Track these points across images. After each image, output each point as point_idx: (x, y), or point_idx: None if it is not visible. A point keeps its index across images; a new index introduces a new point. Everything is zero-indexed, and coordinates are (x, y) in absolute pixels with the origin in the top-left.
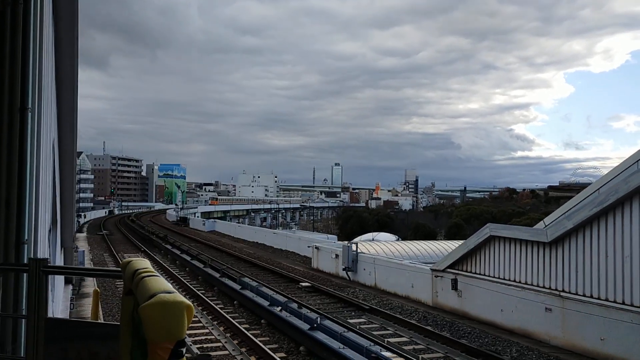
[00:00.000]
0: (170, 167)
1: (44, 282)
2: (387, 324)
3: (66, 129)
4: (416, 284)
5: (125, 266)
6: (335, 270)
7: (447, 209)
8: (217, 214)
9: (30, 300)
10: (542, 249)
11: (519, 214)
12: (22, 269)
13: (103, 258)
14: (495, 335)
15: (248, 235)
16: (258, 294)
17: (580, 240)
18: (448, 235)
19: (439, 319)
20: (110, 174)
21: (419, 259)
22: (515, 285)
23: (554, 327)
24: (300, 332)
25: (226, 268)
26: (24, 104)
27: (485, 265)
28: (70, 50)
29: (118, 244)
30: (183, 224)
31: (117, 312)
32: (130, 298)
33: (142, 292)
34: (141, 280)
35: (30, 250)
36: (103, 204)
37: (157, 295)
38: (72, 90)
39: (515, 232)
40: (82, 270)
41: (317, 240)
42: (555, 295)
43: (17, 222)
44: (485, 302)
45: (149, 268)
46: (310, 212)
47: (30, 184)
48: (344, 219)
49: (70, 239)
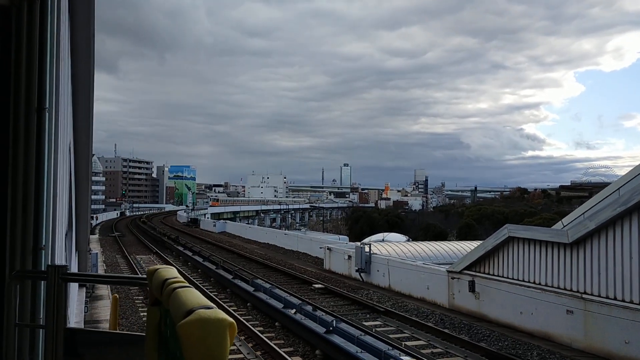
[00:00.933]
0: (181, 168)
1: (63, 290)
2: (403, 327)
3: (82, 131)
4: (432, 286)
5: (152, 274)
6: (348, 272)
7: (457, 209)
8: (226, 215)
9: (49, 309)
10: (563, 250)
11: (531, 214)
12: (41, 276)
13: (115, 260)
14: (514, 339)
15: (259, 236)
16: (271, 295)
17: (603, 241)
18: (459, 236)
19: (457, 321)
20: (121, 175)
21: (431, 259)
22: (535, 287)
23: (576, 330)
24: (315, 335)
25: (238, 269)
26: (42, 104)
27: (504, 267)
28: (86, 50)
29: (130, 246)
30: (194, 225)
31: (130, 316)
32: (157, 309)
33: (177, 306)
34: (174, 292)
35: (48, 256)
36: (114, 206)
37: (195, 312)
38: (87, 92)
39: (535, 233)
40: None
41: (329, 241)
42: (577, 297)
43: (34, 227)
44: (504, 304)
45: (179, 277)
46: (320, 212)
47: (48, 187)
48: (354, 220)
49: (85, 242)
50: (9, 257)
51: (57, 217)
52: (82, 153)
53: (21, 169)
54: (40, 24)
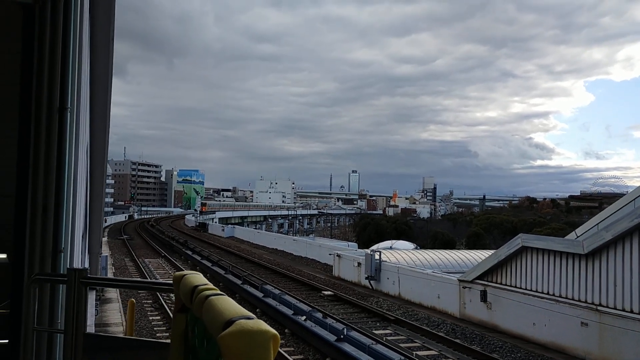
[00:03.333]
0: (189, 172)
1: (83, 294)
2: (414, 336)
3: (98, 134)
4: (442, 295)
5: (179, 280)
6: (358, 279)
7: (465, 217)
8: (234, 220)
9: (68, 314)
10: (578, 261)
11: (540, 223)
12: (61, 280)
13: (124, 263)
14: (527, 350)
15: (267, 241)
16: (281, 302)
17: (620, 252)
18: (468, 245)
19: (468, 331)
20: (130, 179)
21: (440, 268)
22: (549, 298)
23: (590, 343)
24: (326, 343)
25: (247, 275)
26: (64, 103)
27: (516, 277)
28: (105, 52)
29: (138, 249)
30: (202, 230)
31: (139, 320)
32: (184, 316)
33: (213, 315)
34: (207, 300)
35: (67, 259)
36: (123, 209)
37: (236, 322)
38: (105, 94)
39: (549, 243)
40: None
41: (338, 248)
42: (592, 309)
43: (54, 229)
44: (517, 315)
45: (209, 284)
46: (328, 218)
47: (68, 189)
48: (362, 226)
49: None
50: (27, 259)
51: (76, 219)
52: (97, 155)
53: (42, 169)
54: (64, 23)
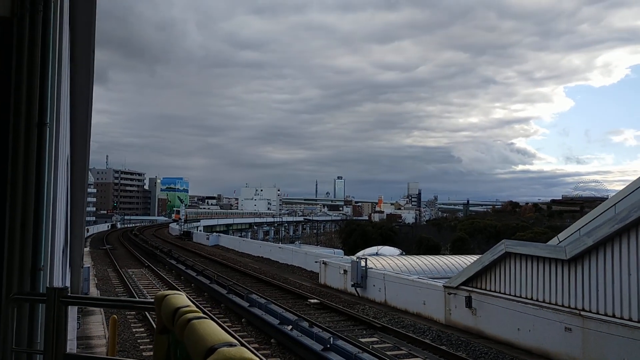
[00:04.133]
0: (173, 180)
1: (62, 313)
2: (400, 344)
3: (79, 145)
4: (428, 301)
5: (160, 301)
6: (344, 286)
7: (450, 222)
8: (219, 228)
9: (48, 334)
10: (561, 267)
11: (523, 227)
12: (40, 299)
13: (107, 274)
14: (512, 356)
15: (253, 249)
16: (267, 311)
17: (602, 257)
18: (453, 249)
19: (454, 338)
20: (112, 187)
21: (425, 274)
22: (533, 303)
23: (574, 347)
24: (312, 353)
25: (233, 284)
26: (42, 119)
27: (500, 283)
28: (86, 64)
29: (122, 259)
30: (186, 238)
31: (122, 332)
32: (165, 337)
33: (194, 340)
34: (189, 323)
35: (47, 277)
36: (105, 218)
37: (219, 350)
38: (86, 106)
39: (532, 248)
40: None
41: (324, 255)
42: (575, 314)
43: (33, 247)
44: (501, 320)
45: (191, 305)
46: (313, 225)
47: (47, 205)
48: (347, 233)
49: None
50: (6, 278)
51: (56, 235)
52: (79, 168)
53: (20, 186)
54: (43, 36)
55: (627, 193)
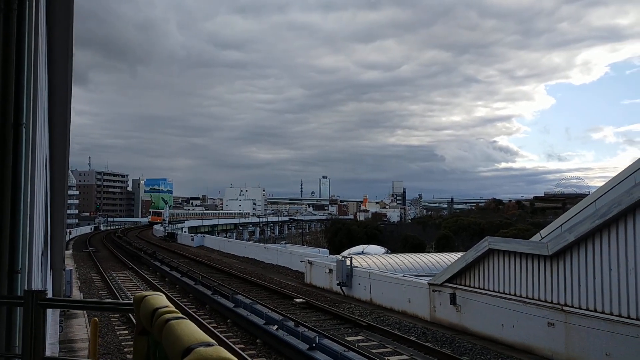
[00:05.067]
0: (157, 181)
1: (41, 316)
2: (386, 341)
3: (58, 146)
4: (413, 299)
5: (139, 302)
6: (329, 286)
7: (435, 220)
8: (204, 229)
9: (26, 338)
10: (543, 263)
11: (507, 224)
12: (17, 303)
13: (90, 276)
14: (496, 352)
15: (238, 250)
16: (252, 312)
17: (583, 253)
18: (437, 247)
19: (439, 335)
20: (95, 189)
21: (411, 272)
22: (516, 299)
23: (557, 343)
24: (298, 352)
25: (218, 285)
26: (18, 119)
27: (484, 279)
28: (64, 64)
29: (105, 261)
30: (171, 240)
31: (106, 335)
32: (145, 338)
33: (172, 341)
34: (167, 324)
35: (24, 280)
36: (88, 220)
37: (195, 350)
38: (65, 106)
39: (515, 245)
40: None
41: (310, 255)
42: (558, 309)
43: (10, 249)
44: (485, 317)
45: (170, 306)
46: (299, 225)
47: (25, 207)
48: (333, 232)
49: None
50: None
51: (34, 237)
52: (58, 168)
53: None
54: (18, 36)
55: (608, 189)
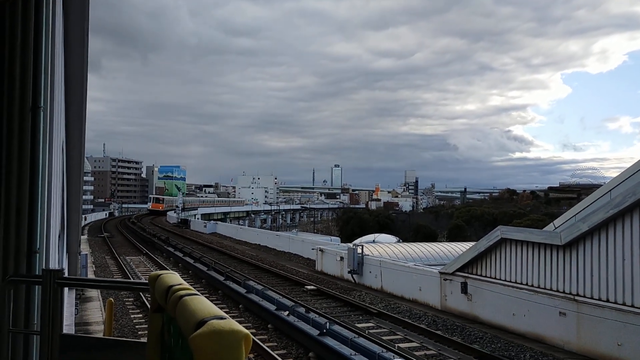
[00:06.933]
0: (170, 168)
1: (58, 295)
2: (396, 329)
3: (74, 131)
4: (424, 287)
5: (154, 280)
6: (340, 273)
7: (447, 210)
8: (217, 216)
9: (44, 315)
10: (556, 252)
11: (520, 215)
12: (35, 281)
13: (105, 261)
14: (507, 340)
15: (250, 237)
16: (264, 297)
17: (596, 243)
18: (449, 237)
19: (449, 323)
20: (110, 175)
21: (422, 261)
22: (528, 288)
23: (569, 332)
24: (309, 338)
25: (230, 271)
26: (36, 102)
27: (496, 269)
28: (80, 48)
29: (119, 247)
30: (184, 226)
31: (120, 318)
32: (159, 315)
33: (186, 316)
34: (181, 300)
35: (42, 260)
36: (103, 206)
37: (208, 323)
38: (81, 91)
39: (528, 234)
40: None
41: (321, 243)
42: (570, 299)
43: (28, 230)
44: (496, 306)
45: (184, 284)
46: (310, 213)
47: (42, 189)
48: (344, 221)
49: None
50: (1, 261)
51: (51, 219)
52: (74, 153)
53: (15, 169)
54: (35, 20)
55: (623, 179)
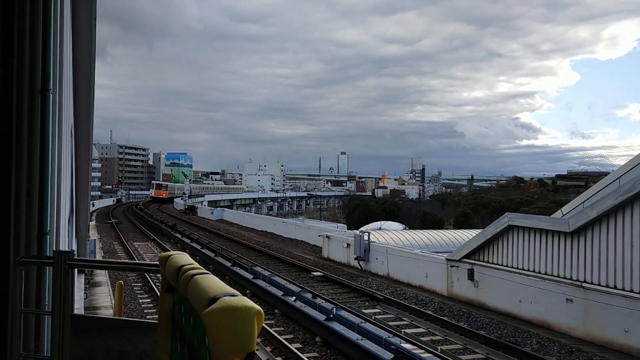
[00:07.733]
0: (177, 155)
1: (69, 276)
2: (402, 315)
3: (82, 116)
4: (430, 274)
5: (165, 261)
6: (347, 260)
7: (454, 197)
8: (224, 203)
9: (55, 296)
10: (564, 239)
11: (528, 202)
12: (47, 262)
13: (113, 247)
14: (514, 327)
15: (257, 224)
16: (271, 283)
17: (604, 229)
18: (456, 225)
19: (455, 309)
20: (117, 162)
21: (428, 248)
22: (535, 275)
23: (575, 319)
24: (316, 323)
25: (237, 257)
26: (45, 85)
27: (503, 255)
28: (88, 32)
29: (127, 233)
30: (191, 213)
31: (129, 303)
32: (170, 295)
33: (198, 293)
34: (192, 279)
35: (52, 242)
36: (110, 192)
37: (221, 299)
38: (89, 75)
39: (535, 221)
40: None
41: (327, 230)
42: (577, 286)
43: (39, 212)
44: (503, 292)
45: (195, 263)
46: (317, 201)
47: (52, 171)
48: (351, 208)
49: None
50: (13, 242)
51: (61, 202)
52: (82, 138)
53: (25, 152)
54: (44, 3)
55: (632, 166)
